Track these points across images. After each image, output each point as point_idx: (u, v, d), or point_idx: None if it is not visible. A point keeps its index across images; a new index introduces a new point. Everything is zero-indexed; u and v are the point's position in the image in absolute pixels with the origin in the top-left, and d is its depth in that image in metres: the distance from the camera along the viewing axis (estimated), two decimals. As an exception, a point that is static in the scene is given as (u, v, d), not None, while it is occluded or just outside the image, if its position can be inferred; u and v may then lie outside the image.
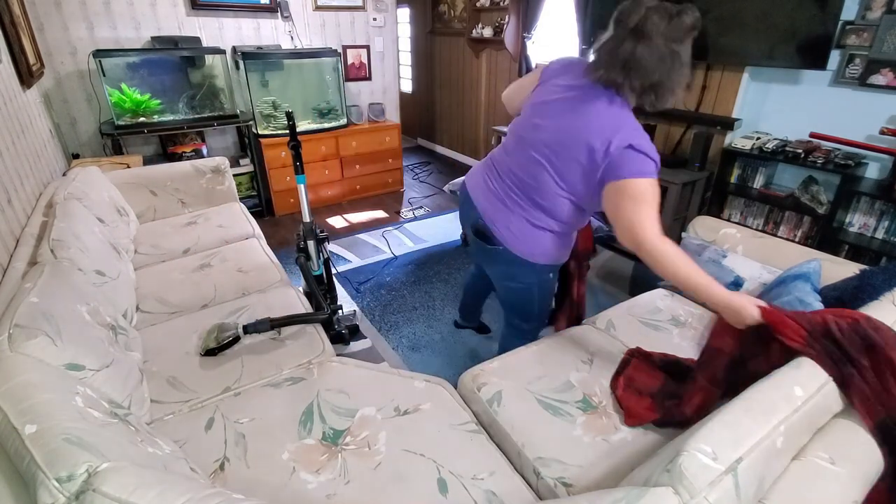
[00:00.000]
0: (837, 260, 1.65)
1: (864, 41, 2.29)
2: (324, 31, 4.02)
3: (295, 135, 2.03)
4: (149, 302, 1.90)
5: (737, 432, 0.85)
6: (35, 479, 0.74)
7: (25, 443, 0.78)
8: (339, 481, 1.16)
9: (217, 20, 3.55)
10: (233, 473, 1.18)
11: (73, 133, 3.30)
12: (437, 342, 2.39)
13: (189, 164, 2.80)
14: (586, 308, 1.92)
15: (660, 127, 3.23)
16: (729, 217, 2.90)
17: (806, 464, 0.93)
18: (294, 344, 1.64)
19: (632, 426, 1.32)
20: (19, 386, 0.91)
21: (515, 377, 1.50)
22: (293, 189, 3.90)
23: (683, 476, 0.77)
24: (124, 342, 1.42)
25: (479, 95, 4.97)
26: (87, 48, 3.13)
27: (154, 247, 2.34)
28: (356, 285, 2.91)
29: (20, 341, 1.03)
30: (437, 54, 5.51)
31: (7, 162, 1.84)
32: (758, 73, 2.72)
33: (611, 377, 1.49)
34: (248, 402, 1.40)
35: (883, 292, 1.38)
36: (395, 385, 1.47)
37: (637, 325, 1.77)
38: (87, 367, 1.13)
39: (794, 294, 1.52)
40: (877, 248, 2.32)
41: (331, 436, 1.29)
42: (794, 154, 2.48)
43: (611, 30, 1.25)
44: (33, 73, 2.58)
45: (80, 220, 1.76)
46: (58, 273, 1.35)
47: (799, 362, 1.05)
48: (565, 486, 1.17)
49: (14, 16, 2.38)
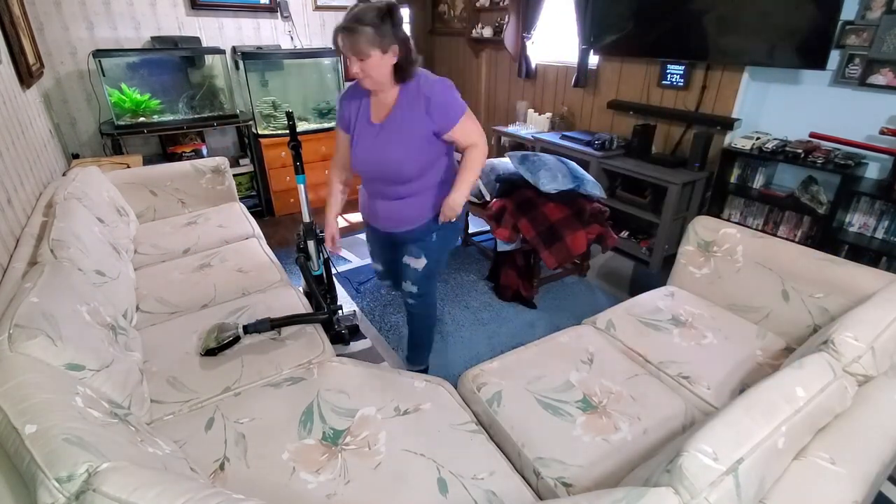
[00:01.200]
0: (837, 260, 1.65)
1: (864, 41, 2.29)
2: (324, 31, 4.02)
3: (295, 135, 2.04)
4: (149, 302, 1.90)
5: (738, 433, 0.85)
6: (35, 480, 0.74)
7: (25, 443, 0.78)
8: (339, 481, 1.16)
9: (217, 20, 3.55)
10: (233, 473, 1.18)
11: (73, 133, 3.29)
12: (438, 342, 2.39)
13: (189, 164, 2.80)
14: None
15: (660, 127, 3.23)
16: (729, 217, 2.90)
17: (806, 464, 0.93)
18: (294, 344, 1.64)
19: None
20: (19, 386, 0.91)
21: (515, 377, 1.50)
22: (293, 189, 3.90)
23: (684, 476, 0.77)
24: (124, 342, 1.42)
25: (479, 95, 4.96)
26: (86, 48, 3.13)
27: (154, 247, 2.34)
28: (356, 285, 2.91)
29: (20, 341, 1.03)
30: (437, 54, 5.50)
31: (7, 162, 1.84)
32: (758, 73, 2.72)
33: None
34: (248, 402, 1.40)
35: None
36: (395, 385, 1.47)
37: (637, 324, 1.77)
38: (88, 367, 1.13)
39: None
40: (877, 247, 2.32)
41: (331, 436, 1.29)
42: (794, 154, 2.48)
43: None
44: (33, 74, 2.58)
45: (80, 220, 1.76)
46: (58, 273, 1.35)
47: (801, 363, 1.05)
48: (565, 486, 1.17)
49: (14, 16, 2.38)
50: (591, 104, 3.74)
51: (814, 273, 1.65)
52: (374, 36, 1.37)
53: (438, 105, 1.49)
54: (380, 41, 1.38)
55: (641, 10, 3.05)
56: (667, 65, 3.08)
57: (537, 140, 3.67)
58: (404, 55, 1.45)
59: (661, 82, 3.15)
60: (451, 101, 1.52)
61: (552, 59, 4.05)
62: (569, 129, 3.86)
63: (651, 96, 3.27)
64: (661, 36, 3.00)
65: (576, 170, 2.56)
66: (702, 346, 1.66)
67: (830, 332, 1.18)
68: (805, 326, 1.64)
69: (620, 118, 3.52)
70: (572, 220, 2.47)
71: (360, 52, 1.38)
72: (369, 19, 1.36)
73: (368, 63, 1.41)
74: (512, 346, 2.09)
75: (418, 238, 1.73)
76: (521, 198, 2.54)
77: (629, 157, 3.18)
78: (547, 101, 4.16)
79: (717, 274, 1.92)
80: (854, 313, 1.24)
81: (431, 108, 1.49)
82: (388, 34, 1.39)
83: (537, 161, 2.53)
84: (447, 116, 1.51)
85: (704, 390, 1.48)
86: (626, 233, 3.31)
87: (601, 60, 3.55)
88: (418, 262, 1.76)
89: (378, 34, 1.37)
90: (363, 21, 1.36)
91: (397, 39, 1.41)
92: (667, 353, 1.63)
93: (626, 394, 1.46)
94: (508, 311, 2.64)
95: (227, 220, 2.65)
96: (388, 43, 1.40)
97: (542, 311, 2.65)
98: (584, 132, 3.60)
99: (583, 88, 3.74)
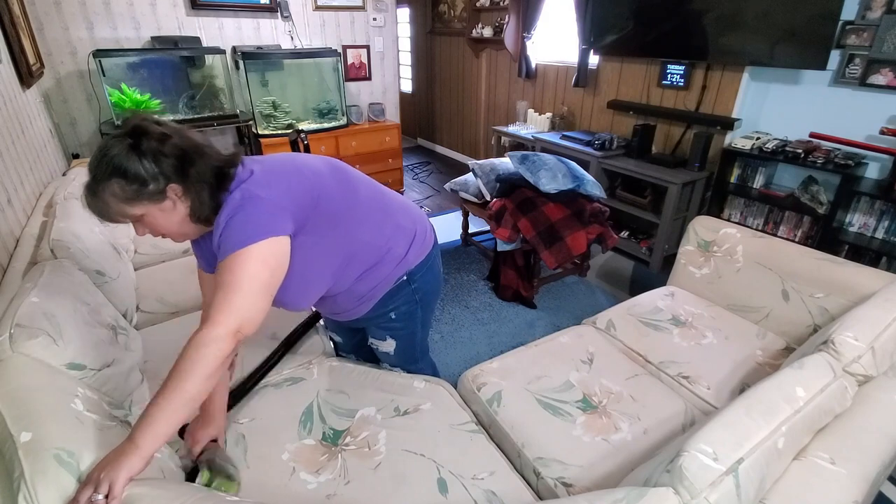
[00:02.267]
0: (837, 260, 1.65)
1: (864, 41, 2.29)
2: (324, 31, 4.02)
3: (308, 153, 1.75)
4: (149, 302, 1.90)
5: (738, 433, 0.85)
6: (19, 493, 0.74)
7: (19, 453, 0.78)
8: (339, 481, 1.16)
9: (217, 20, 3.55)
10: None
11: (73, 133, 3.29)
12: (437, 342, 2.39)
13: (189, 164, 2.79)
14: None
15: (660, 127, 3.23)
16: (729, 217, 2.90)
17: (806, 464, 0.93)
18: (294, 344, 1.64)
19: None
20: (18, 389, 0.91)
21: (515, 377, 1.50)
22: (293, 189, 3.90)
23: (684, 476, 0.77)
24: (124, 342, 1.42)
25: (479, 95, 4.97)
26: (86, 48, 3.13)
27: (154, 247, 2.33)
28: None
29: (21, 341, 1.03)
30: (437, 54, 5.51)
31: (7, 162, 1.84)
32: (758, 73, 2.72)
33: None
34: (247, 402, 1.39)
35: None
36: (395, 385, 1.47)
37: (637, 324, 1.77)
38: (88, 367, 1.13)
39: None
40: (877, 247, 2.32)
41: (331, 436, 1.29)
42: (794, 154, 2.48)
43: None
44: (33, 73, 2.58)
45: (80, 220, 1.76)
46: (58, 273, 1.35)
47: (801, 363, 1.05)
48: (565, 486, 1.17)
49: (14, 16, 2.37)
50: (592, 104, 3.74)
51: (814, 273, 1.65)
52: (127, 191, 0.91)
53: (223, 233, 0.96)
54: (136, 194, 0.91)
55: (641, 10, 3.05)
56: (667, 65, 3.08)
57: (537, 140, 3.67)
58: (194, 191, 0.95)
59: (661, 82, 3.15)
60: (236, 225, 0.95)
61: (552, 59, 4.05)
62: (569, 129, 3.86)
63: (651, 96, 3.27)
64: (661, 36, 3.00)
65: (576, 170, 2.56)
66: (702, 345, 1.66)
67: (830, 332, 1.18)
68: (805, 326, 1.64)
69: (620, 118, 3.52)
70: (572, 220, 2.47)
71: (117, 218, 0.94)
72: (114, 170, 0.89)
73: (145, 221, 0.97)
74: (512, 346, 2.09)
75: (373, 319, 1.35)
76: (521, 198, 2.54)
77: (629, 157, 3.18)
78: (547, 101, 4.16)
79: (717, 274, 1.92)
80: (854, 313, 1.24)
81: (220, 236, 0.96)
82: (148, 178, 0.91)
83: (537, 161, 2.53)
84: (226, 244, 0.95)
85: (704, 390, 1.48)
86: (626, 233, 3.31)
87: (601, 60, 3.55)
88: (386, 344, 1.42)
89: (132, 186, 0.90)
90: (105, 177, 0.89)
91: (167, 175, 0.93)
92: (667, 353, 1.63)
93: (626, 394, 1.46)
94: (508, 311, 2.64)
95: (227, 220, 2.65)
96: (155, 190, 0.92)
97: (542, 311, 2.65)
98: (585, 132, 3.60)
99: (583, 88, 3.74)
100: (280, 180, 1.03)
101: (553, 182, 2.44)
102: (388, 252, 1.22)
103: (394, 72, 4.57)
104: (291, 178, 1.05)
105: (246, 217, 0.94)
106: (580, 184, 2.50)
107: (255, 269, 0.93)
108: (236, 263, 0.92)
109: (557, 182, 2.44)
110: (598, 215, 2.58)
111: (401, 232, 1.25)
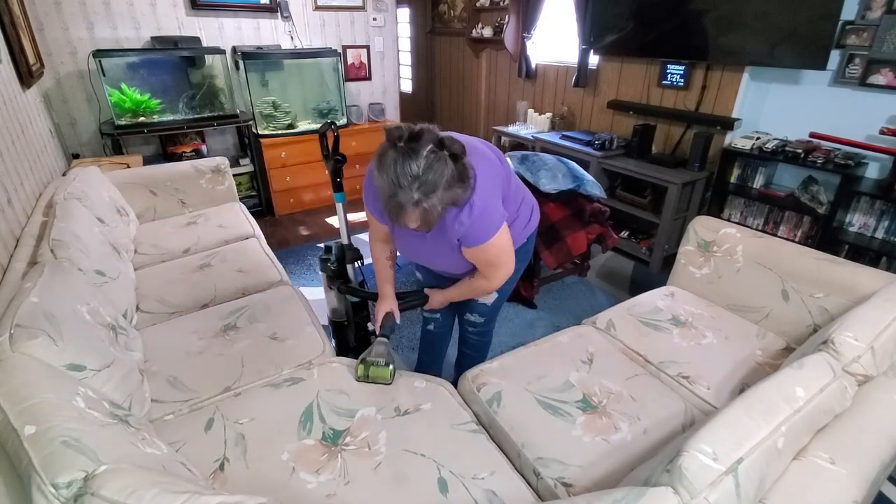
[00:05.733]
0: (837, 260, 1.65)
1: (864, 41, 2.29)
2: (324, 31, 4.02)
3: (337, 147, 1.66)
4: (149, 302, 1.90)
5: (737, 433, 0.85)
6: (31, 482, 0.74)
7: (24, 444, 0.78)
8: (338, 481, 1.16)
9: (217, 20, 3.55)
10: (232, 474, 1.18)
11: (73, 133, 3.29)
12: (437, 342, 2.38)
13: (189, 164, 2.80)
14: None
15: (660, 127, 3.23)
16: (729, 217, 2.90)
17: (806, 464, 0.93)
18: (294, 344, 1.64)
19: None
20: (20, 386, 0.91)
21: (515, 377, 1.50)
22: (293, 189, 3.90)
23: (683, 476, 0.77)
24: (124, 342, 1.42)
25: (479, 95, 4.97)
26: (86, 48, 3.13)
27: (154, 247, 2.34)
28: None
29: (21, 341, 1.03)
30: (437, 54, 5.51)
31: (7, 162, 1.84)
32: (758, 73, 2.72)
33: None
34: (248, 403, 1.40)
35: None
36: (395, 385, 1.47)
37: (637, 324, 1.77)
38: (88, 367, 1.13)
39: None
40: (877, 247, 2.32)
41: (330, 436, 1.29)
42: (794, 154, 2.48)
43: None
44: (33, 74, 2.58)
45: (80, 220, 1.76)
46: (58, 273, 1.35)
47: (801, 363, 1.05)
48: (565, 486, 1.17)
49: (14, 16, 2.38)
50: (591, 104, 3.74)
51: (814, 273, 1.65)
52: (448, 198, 1.08)
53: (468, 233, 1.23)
54: (452, 198, 1.09)
55: (641, 10, 3.05)
56: (667, 65, 3.08)
57: (537, 140, 3.68)
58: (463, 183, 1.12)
59: (661, 82, 3.15)
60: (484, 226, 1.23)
61: (552, 59, 4.05)
62: (569, 129, 3.86)
63: (651, 96, 3.27)
64: (661, 36, 3.00)
65: (576, 170, 2.56)
66: (702, 345, 1.66)
67: (830, 331, 1.18)
68: (805, 326, 1.64)
69: (620, 118, 3.52)
70: (572, 220, 2.47)
71: (434, 223, 1.12)
72: (443, 182, 1.03)
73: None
74: (512, 346, 2.09)
75: None
76: (521, 198, 2.54)
77: (629, 157, 3.18)
78: (547, 101, 4.16)
79: (717, 274, 1.92)
80: (854, 313, 1.24)
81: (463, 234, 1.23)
82: (457, 184, 1.08)
83: (537, 161, 2.53)
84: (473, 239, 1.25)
85: (704, 390, 1.48)
86: (626, 233, 3.31)
87: (601, 60, 3.55)
88: (488, 296, 1.62)
89: (451, 193, 1.07)
90: (435, 189, 1.03)
91: (463, 180, 1.10)
92: (667, 353, 1.63)
93: (626, 394, 1.46)
94: (508, 311, 2.64)
95: (227, 220, 2.65)
96: (460, 192, 1.11)
97: (542, 311, 2.65)
98: (584, 132, 3.60)
99: (583, 88, 3.74)
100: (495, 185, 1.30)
101: (553, 182, 2.44)
102: (515, 221, 1.47)
103: (394, 72, 4.57)
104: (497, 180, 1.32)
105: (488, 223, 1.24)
106: (580, 184, 2.50)
107: (504, 243, 1.30)
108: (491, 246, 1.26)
109: (557, 182, 2.44)
110: (598, 215, 2.58)
111: (525, 206, 1.55)
